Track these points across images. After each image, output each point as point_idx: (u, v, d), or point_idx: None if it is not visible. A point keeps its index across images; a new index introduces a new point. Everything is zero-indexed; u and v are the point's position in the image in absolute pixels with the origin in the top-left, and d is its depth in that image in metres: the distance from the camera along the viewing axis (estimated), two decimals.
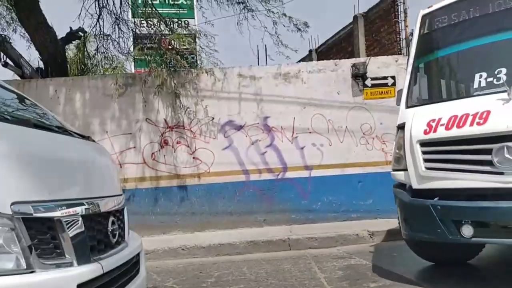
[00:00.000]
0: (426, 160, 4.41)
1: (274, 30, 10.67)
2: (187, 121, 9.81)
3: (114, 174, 3.08)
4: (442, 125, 4.34)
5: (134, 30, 11.10)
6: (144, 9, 10.73)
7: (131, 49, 11.39)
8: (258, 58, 17.18)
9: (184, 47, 11.06)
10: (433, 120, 4.45)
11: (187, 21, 11.43)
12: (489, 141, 3.90)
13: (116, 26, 10.81)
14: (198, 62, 11.28)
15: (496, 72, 4.34)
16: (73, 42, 12.97)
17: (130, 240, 2.96)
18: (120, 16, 10.76)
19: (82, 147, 2.83)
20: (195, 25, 11.51)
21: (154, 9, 10.61)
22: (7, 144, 2.02)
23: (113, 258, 2.48)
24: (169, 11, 11.17)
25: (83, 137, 3.01)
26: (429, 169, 4.36)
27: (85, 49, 13.00)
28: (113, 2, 10.84)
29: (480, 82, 4.40)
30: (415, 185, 4.51)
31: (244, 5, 10.88)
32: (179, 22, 11.14)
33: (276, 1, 10.72)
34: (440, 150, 4.35)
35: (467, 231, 3.94)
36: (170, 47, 10.64)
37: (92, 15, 10.68)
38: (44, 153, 2.26)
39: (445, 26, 5.09)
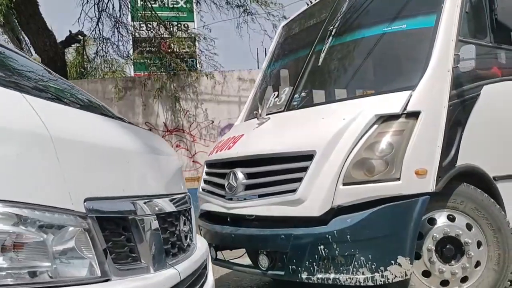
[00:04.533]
0: (204, 181, 4.34)
1: (274, 33, 10.67)
2: (186, 125, 9.79)
3: (180, 169, 2.69)
4: (218, 146, 4.36)
5: (133, 33, 11.10)
6: (143, 12, 10.74)
7: (131, 52, 11.39)
8: (257, 61, 17.17)
9: (184, 50, 11.07)
10: (221, 141, 4.46)
11: (187, 25, 11.42)
12: (227, 166, 3.86)
13: (116, 30, 10.82)
14: (198, 65, 11.28)
15: (282, 91, 4.30)
16: (73, 45, 12.96)
17: (198, 242, 2.62)
18: (120, 19, 10.78)
19: (148, 137, 2.45)
20: (194, 28, 11.51)
21: (153, 12, 10.61)
22: (77, 131, 1.75)
23: (187, 262, 2.18)
24: (169, 15, 11.16)
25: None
26: (202, 190, 4.29)
27: (85, 53, 12.99)
28: (113, 5, 10.86)
29: (270, 101, 4.36)
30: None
31: (243, 8, 10.89)
32: (179, 25, 11.14)
33: (276, 4, 10.73)
34: (207, 172, 4.33)
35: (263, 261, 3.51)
36: (169, 50, 10.65)
37: (91, 18, 10.69)
38: (114, 142, 1.97)
39: (284, 40, 5.06)
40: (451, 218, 3.33)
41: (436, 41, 3.37)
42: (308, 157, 3.29)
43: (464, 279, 3.31)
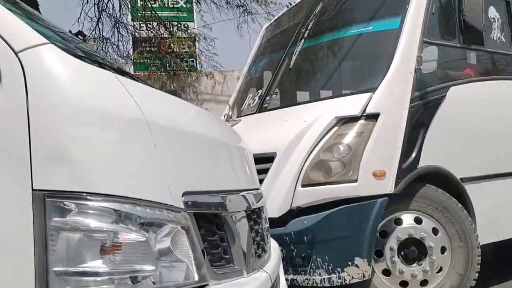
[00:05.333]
0: None
1: None
2: None
3: (253, 162, 2.39)
4: None
5: (133, 33, 11.17)
6: (143, 12, 10.81)
7: (131, 52, 11.45)
8: None
9: (184, 50, 11.14)
10: None
11: (187, 25, 11.48)
12: None
13: (116, 30, 10.87)
14: (198, 65, 11.34)
15: (256, 93, 4.29)
16: None
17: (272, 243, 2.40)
18: (120, 19, 10.82)
19: (225, 126, 2.22)
20: (194, 28, 11.57)
21: (153, 12, 10.68)
22: (168, 116, 1.57)
23: (272, 264, 1.97)
24: (169, 15, 11.21)
25: None
26: None
27: None
28: (113, 5, 10.91)
29: (245, 103, 4.35)
30: None
31: (243, 8, 10.92)
32: (179, 25, 11.21)
33: (276, 4, 10.74)
34: None
35: None
36: (169, 50, 10.73)
37: (91, 18, 10.75)
38: (202, 130, 1.76)
39: (265, 42, 5.04)
40: (418, 220, 3.33)
41: (400, 43, 3.37)
42: (270, 158, 3.32)
43: (424, 283, 3.32)
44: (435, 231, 3.34)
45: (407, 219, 3.34)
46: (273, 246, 2.23)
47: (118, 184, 1.27)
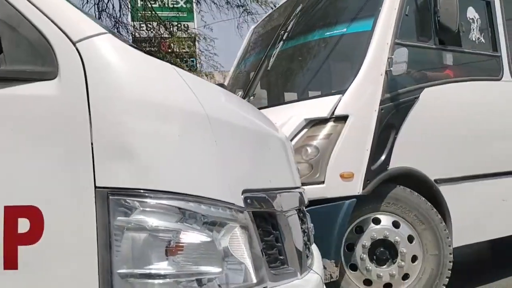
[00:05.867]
0: None
1: None
2: None
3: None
4: None
5: (133, 33, 11.22)
6: (143, 12, 10.86)
7: None
8: None
9: (184, 50, 11.17)
10: None
11: (187, 25, 11.52)
12: None
13: (116, 29, 10.95)
14: (198, 65, 11.38)
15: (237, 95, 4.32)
16: None
17: None
18: (120, 19, 10.88)
19: (268, 119, 2.06)
20: (194, 28, 11.61)
21: (153, 12, 10.73)
22: (223, 109, 1.51)
23: (318, 265, 1.86)
24: (169, 15, 11.25)
25: None
26: None
27: None
28: (113, 5, 10.98)
29: None
30: None
31: (243, 8, 10.93)
32: (179, 25, 11.25)
33: (276, 5, 10.73)
34: None
35: None
36: (169, 50, 10.76)
37: None
38: (253, 124, 1.66)
39: (251, 43, 5.04)
40: (396, 224, 3.36)
41: (371, 44, 3.38)
42: None
43: (387, 286, 3.34)
44: (410, 238, 3.36)
45: (385, 220, 3.37)
46: (313, 246, 2.14)
47: (182, 181, 1.21)
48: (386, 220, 3.37)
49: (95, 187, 1.12)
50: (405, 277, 3.35)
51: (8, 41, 1.14)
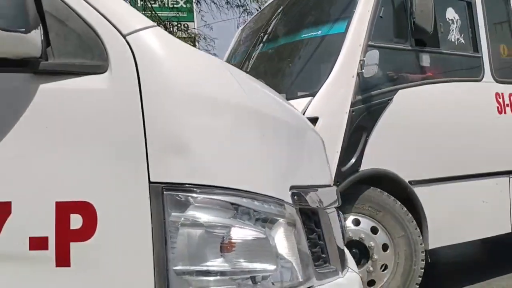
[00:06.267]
0: None
1: None
2: None
3: None
4: None
5: None
6: (143, 12, 10.92)
7: None
8: None
9: None
10: None
11: (187, 25, 11.58)
12: None
13: None
14: None
15: None
16: None
17: None
18: None
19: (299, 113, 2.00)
20: (194, 28, 11.66)
21: (153, 12, 10.78)
22: (265, 102, 1.45)
23: (353, 264, 1.80)
24: (169, 14, 11.32)
25: None
26: None
27: None
28: None
29: None
30: None
31: (243, 8, 10.96)
32: (179, 25, 11.31)
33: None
34: None
35: None
36: None
37: None
38: (289, 117, 1.59)
39: (236, 45, 5.02)
40: (355, 222, 3.36)
41: (343, 47, 3.39)
42: None
43: (371, 283, 3.35)
44: (374, 230, 3.38)
45: (364, 224, 3.39)
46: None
47: (235, 176, 1.19)
48: (365, 223, 3.39)
49: (149, 182, 1.09)
50: (371, 283, 3.37)
51: (55, 34, 1.12)
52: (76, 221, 1.07)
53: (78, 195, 1.08)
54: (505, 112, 4.14)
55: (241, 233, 1.16)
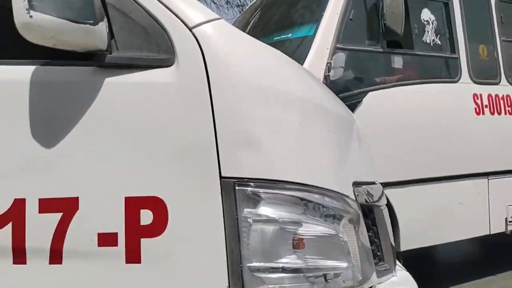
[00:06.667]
0: None
1: None
2: None
3: None
4: None
5: None
6: None
7: None
8: None
9: None
10: None
11: None
12: None
13: None
14: None
15: None
16: None
17: None
18: None
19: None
20: None
21: None
22: (322, 96, 1.39)
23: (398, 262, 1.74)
24: None
25: None
26: None
27: None
28: None
29: None
30: None
31: (243, 8, 10.97)
32: None
33: None
34: None
35: None
36: None
37: None
38: (339, 109, 1.50)
39: None
40: None
41: (311, 49, 3.39)
42: None
43: None
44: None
45: None
46: None
47: (305, 172, 1.16)
48: None
49: (220, 177, 1.07)
50: None
51: (119, 27, 1.11)
52: (146, 217, 1.06)
53: (148, 191, 1.07)
54: (483, 113, 4.10)
55: (313, 229, 1.13)
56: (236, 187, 1.07)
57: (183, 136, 1.09)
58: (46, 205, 1.06)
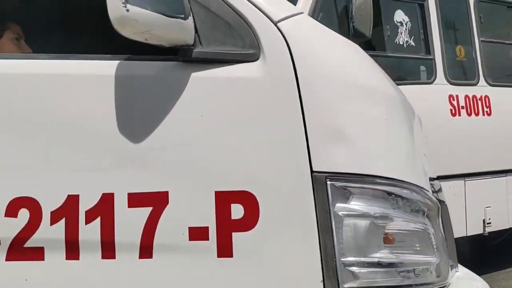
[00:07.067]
0: None
1: None
2: None
3: None
4: None
5: None
6: None
7: None
8: None
9: None
10: None
11: None
12: None
13: None
14: None
15: None
16: None
17: None
18: None
19: None
20: None
21: None
22: (397, 90, 1.37)
23: None
24: None
25: None
26: None
27: None
28: None
29: None
30: None
31: None
32: None
33: None
34: None
35: None
36: None
37: None
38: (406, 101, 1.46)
39: None
40: None
41: None
42: None
43: None
44: None
45: None
46: None
47: (393, 166, 1.17)
48: None
49: (312, 171, 1.07)
50: None
51: (202, 22, 1.10)
52: (237, 211, 1.06)
53: (238, 185, 1.07)
54: (459, 115, 4.07)
55: (402, 224, 1.13)
56: (328, 182, 1.07)
57: (273, 130, 1.09)
58: (135, 200, 1.07)
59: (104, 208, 1.07)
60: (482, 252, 4.97)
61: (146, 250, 1.06)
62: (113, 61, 1.12)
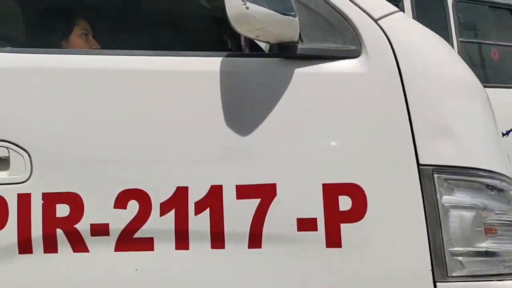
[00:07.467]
0: None
1: None
2: None
3: None
4: None
5: None
6: None
7: None
8: None
9: None
10: None
11: None
12: None
13: None
14: None
15: None
16: None
17: None
18: None
19: None
20: None
21: None
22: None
23: None
24: None
25: None
26: None
27: None
28: None
29: None
30: None
31: None
32: None
33: None
34: None
35: None
36: None
37: None
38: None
39: None
40: None
41: None
42: None
43: None
44: None
45: None
46: None
47: (493, 159, 1.20)
48: None
49: (418, 164, 1.11)
50: None
51: (303, 20, 1.13)
52: (345, 203, 1.10)
53: (345, 177, 1.11)
54: None
55: (502, 215, 1.16)
56: (435, 175, 1.11)
57: (379, 124, 1.13)
58: (243, 192, 1.11)
59: (213, 199, 1.11)
60: None
61: (255, 240, 1.10)
62: (215, 57, 1.16)
